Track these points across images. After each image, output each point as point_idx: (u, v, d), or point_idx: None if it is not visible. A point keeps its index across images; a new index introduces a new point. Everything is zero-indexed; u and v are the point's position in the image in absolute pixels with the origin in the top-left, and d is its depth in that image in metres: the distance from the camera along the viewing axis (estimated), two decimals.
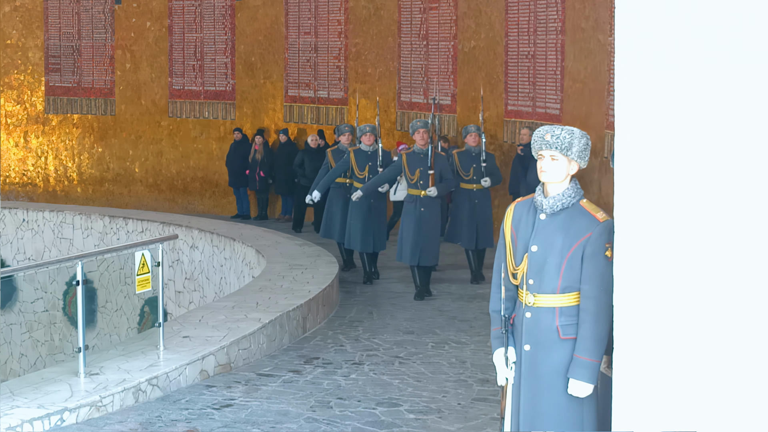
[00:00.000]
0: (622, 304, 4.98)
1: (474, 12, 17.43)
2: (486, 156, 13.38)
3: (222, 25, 20.60)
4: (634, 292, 4.97)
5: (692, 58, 4.84)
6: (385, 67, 18.88)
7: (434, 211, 12.52)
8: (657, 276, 4.93)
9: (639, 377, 4.98)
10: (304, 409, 8.21)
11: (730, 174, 4.80)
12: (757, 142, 4.75)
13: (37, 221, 18.93)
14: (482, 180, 13.32)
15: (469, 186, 13.41)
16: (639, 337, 4.96)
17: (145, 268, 9.15)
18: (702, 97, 4.83)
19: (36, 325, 16.95)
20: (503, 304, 5.62)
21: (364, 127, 13.77)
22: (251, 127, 20.37)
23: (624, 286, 5.00)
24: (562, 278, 5.47)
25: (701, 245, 4.84)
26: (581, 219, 5.48)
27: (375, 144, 13.62)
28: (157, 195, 21.34)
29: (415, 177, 12.43)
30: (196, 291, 16.18)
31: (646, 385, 5.00)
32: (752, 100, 4.74)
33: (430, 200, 12.41)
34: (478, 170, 13.35)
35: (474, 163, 13.38)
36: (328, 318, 11.52)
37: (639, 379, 4.98)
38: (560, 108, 15.54)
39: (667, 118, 4.91)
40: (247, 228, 16.55)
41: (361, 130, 13.77)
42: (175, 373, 8.75)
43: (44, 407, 7.74)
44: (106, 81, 21.57)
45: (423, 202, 12.40)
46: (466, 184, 13.41)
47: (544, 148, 5.49)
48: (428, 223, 12.42)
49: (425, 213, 12.41)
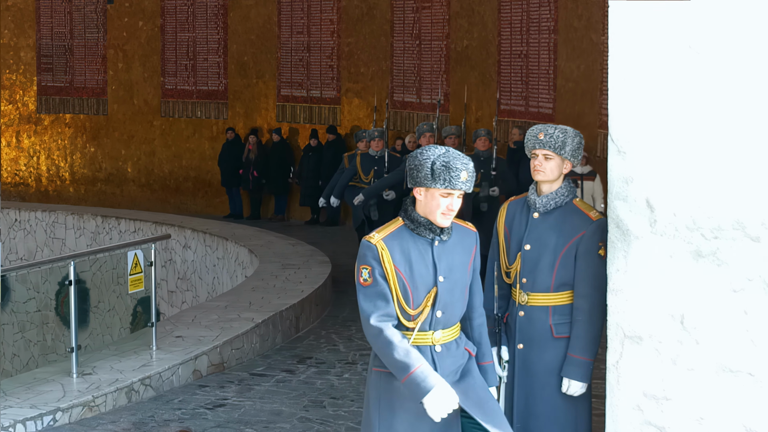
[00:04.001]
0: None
1: (467, 11, 17.43)
2: (497, 162, 12.64)
3: (214, 24, 20.58)
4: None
5: (685, 58, 4.84)
6: (378, 67, 18.87)
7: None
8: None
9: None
10: (297, 408, 8.20)
11: (724, 170, 4.80)
12: (753, 142, 4.75)
13: (29, 221, 18.89)
14: (490, 190, 12.52)
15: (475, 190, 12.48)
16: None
17: (138, 268, 9.14)
18: (694, 97, 4.83)
19: (28, 326, 16.90)
20: (496, 303, 5.61)
21: (373, 132, 13.39)
22: (244, 127, 20.35)
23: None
24: (555, 277, 5.47)
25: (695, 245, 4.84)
26: (574, 218, 5.48)
27: (383, 149, 13.19)
28: (150, 195, 21.31)
29: None
30: (188, 291, 16.16)
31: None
32: (745, 100, 4.74)
33: None
34: (486, 176, 12.55)
35: (482, 168, 12.49)
36: (322, 317, 11.51)
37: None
38: (553, 107, 15.55)
39: (661, 118, 4.91)
40: (239, 227, 16.54)
41: (370, 134, 13.41)
42: (167, 372, 8.73)
43: (37, 407, 7.73)
44: (99, 81, 21.54)
45: None
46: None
47: (538, 147, 5.49)
48: None
49: None
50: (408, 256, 4.83)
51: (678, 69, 4.83)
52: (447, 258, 4.88)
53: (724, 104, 4.77)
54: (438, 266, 4.85)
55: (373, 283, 4.81)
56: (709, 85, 4.78)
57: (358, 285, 4.86)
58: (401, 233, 4.87)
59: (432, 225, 4.85)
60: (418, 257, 4.84)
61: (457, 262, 4.91)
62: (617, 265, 5.02)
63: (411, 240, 4.86)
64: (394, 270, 4.81)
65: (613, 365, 5.08)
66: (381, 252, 4.81)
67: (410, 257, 4.83)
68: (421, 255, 4.85)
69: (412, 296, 4.83)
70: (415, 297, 4.84)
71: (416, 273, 4.83)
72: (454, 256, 4.90)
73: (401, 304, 4.83)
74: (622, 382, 5.05)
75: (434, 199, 4.80)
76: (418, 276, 4.83)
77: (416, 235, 4.86)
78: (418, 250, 4.85)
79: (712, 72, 4.77)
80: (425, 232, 4.86)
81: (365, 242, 4.86)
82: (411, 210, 4.89)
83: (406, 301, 4.83)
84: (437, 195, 4.79)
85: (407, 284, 4.83)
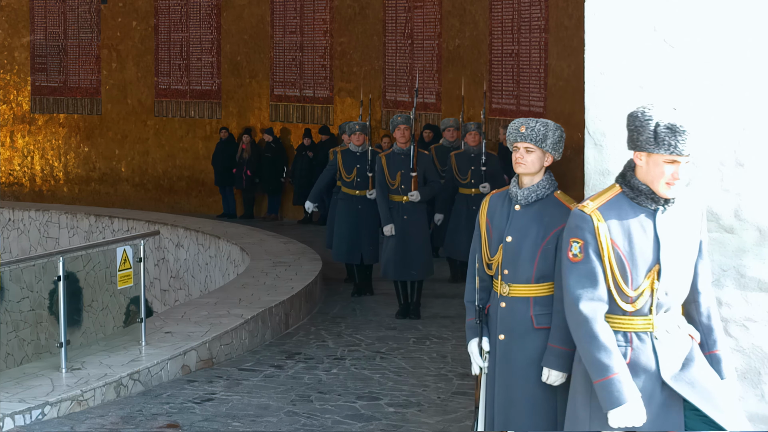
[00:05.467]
0: None
1: (458, 11, 17.48)
2: (486, 158, 12.30)
3: (208, 24, 20.63)
4: None
5: (659, 52, 4.90)
6: (371, 66, 18.92)
7: (418, 218, 11.22)
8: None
9: None
10: (285, 403, 8.25)
11: (697, 162, 4.85)
12: (725, 134, 4.81)
13: (23, 220, 18.94)
14: (481, 186, 12.24)
15: (467, 191, 12.45)
16: None
17: (127, 264, 9.18)
18: (668, 90, 4.88)
19: (22, 324, 16.94)
20: (477, 295, 5.66)
21: (353, 125, 12.45)
22: (237, 127, 20.40)
23: None
24: (536, 268, 5.52)
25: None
26: (555, 210, 5.53)
27: (365, 144, 12.30)
28: (144, 194, 21.35)
29: (396, 181, 11.11)
30: (181, 289, 16.21)
31: None
32: (717, 92, 4.79)
33: (414, 206, 11.10)
34: (477, 173, 12.32)
35: (472, 165, 12.36)
36: (311, 314, 11.56)
37: None
38: (543, 106, 15.60)
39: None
40: (232, 226, 16.60)
41: (350, 128, 12.48)
42: (156, 368, 8.78)
43: (25, 401, 7.77)
44: (92, 80, 21.58)
45: (405, 209, 11.09)
46: (463, 188, 12.47)
47: (519, 140, 5.54)
48: (412, 233, 11.12)
49: (408, 222, 11.10)
50: (627, 229, 4.34)
51: (653, 63, 4.89)
52: (672, 231, 4.38)
53: (697, 97, 4.83)
54: (662, 241, 4.35)
55: (584, 260, 4.34)
56: (683, 78, 4.84)
57: (566, 260, 4.41)
58: (619, 202, 4.38)
59: (655, 194, 4.35)
60: (639, 230, 4.35)
61: (683, 236, 4.40)
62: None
63: (630, 210, 4.37)
64: (610, 245, 4.34)
65: None
66: (596, 224, 4.33)
67: (629, 230, 4.34)
68: (642, 228, 4.35)
69: (631, 275, 4.35)
70: (634, 276, 4.35)
71: (636, 248, 4.33)
72: (679, 228, 4.39)
73: (618, 285, 4.36)
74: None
75: (657, 166, 4.29)
76: (638, 252, 4.33)
77: (636, 204, 4.38)
78: (638, 222, 4.35)
79: (686, 65, 4.83)
80: (647, 201, 4.37)
81: (578, 212, 4.40)
82: (630, 176, 4.37)
83: (624, 280, 4.36)
84: (660, 162, 4.28)
85: (626, 261, 4.34)
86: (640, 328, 4.32)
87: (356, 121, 12.97)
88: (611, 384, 4.23)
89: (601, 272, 4.28)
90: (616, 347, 4.26)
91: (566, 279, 4.34)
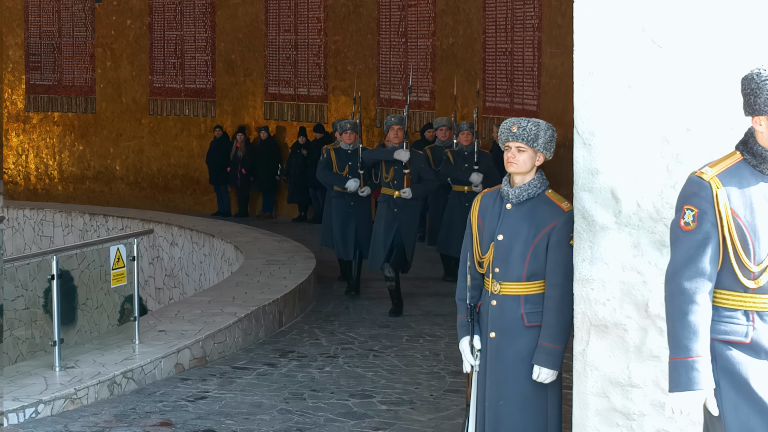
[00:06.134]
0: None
1: (452, 9, 17.52)
2: (479, 156, 12.44)
3: (202, 22, 20.65)
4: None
5: (648, 52, 4.93)
6: (365, 65, 18.95)
7: (409, 213, 11.37)
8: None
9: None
10: (278, 400, 8.28)
11: (687, 161, 4.89)
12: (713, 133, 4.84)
13: (17, 219, 18.96)
14: (473, 187, 12.39)
15: (460, 188, 12.60)
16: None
17: (120, 263, 9.21)
18: (657, 89, 4.91)
19: (17, 323, 16.95)
20: (469, 293, 5.70)
21: (345, 123, 12.50)
22: (231, 125, 20.42)
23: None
24: (527, 267, 5.57)
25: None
26: (546, 208, 5.58)
27: (356, 142, 12.33)
28: (138, 193, 21.37)
29: (389, 175, 11.38)
30: (176, 288, 16.24)
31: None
32: (706, 92, 4.82)
33: (405, 202, 11.31)
34: (469, 171, 12.46)
35: (465, 163, 12.51)
36: (305, 312, 11.58)
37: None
38: (537, 104, 15.64)
39: (625, 110, 4.99)
40: (226, 225, 16.63)
41: (342, 127, 12.50)
42: (150, 366, 8.81)
43: (19, 400, 7.79)
44: (87, 79, 21.59)
45: (396, 203, 11.30)
46: (457, 186, 12.63)
47: (511, 140, 5.59)
48: (401, 226, 11.27)
49: (398, 215, 11.28)
50: (749, 199, 4.00)
51: (641, 63, 4.92)
52: None
53: (686, 96, 4.86)
54: None
55: (696, 229, 3.98)
56: (672, 78, 4.87)
57: (677, 228, 4.04)
58: (740, 170, 4.04)
59: None
60: (762, 200, 4.01)
61: None
62: (583, 255, 5.12)
63: (752, 178, 4.03)
64: (730, 216, 3.99)
65: (580, 353, 5.18)
66: (715, 191, 3.99)
67: (751, 200, 4.01)
68: (765, 197, 4.02)
69: (753, 249, 4.00)
70: (757, 250, 4.00)
71: (759, 220, 3.99)
72: None
73: (740, 258, 4.00)
74: (588, 370, 5.15)
75: None
76: (760, 223, 3.99)
77: (758, 173, 4.04)
78: (761, 191, 4.02)
79: (675, 65, 4.86)
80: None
81: (695, 178, 4.04)
82: (752, 142, 4.03)
83: (746, 254, 4.01)
84: None
85: (747, 233, 4.00)
86: (762, 307, 3.98)
87: (347, 120, 13.00)
88: (688, 365, 3.92)
89: (713, 246, 3.95)
90: (707, 332, 3.93)
91: (672, 248, 4.01)
